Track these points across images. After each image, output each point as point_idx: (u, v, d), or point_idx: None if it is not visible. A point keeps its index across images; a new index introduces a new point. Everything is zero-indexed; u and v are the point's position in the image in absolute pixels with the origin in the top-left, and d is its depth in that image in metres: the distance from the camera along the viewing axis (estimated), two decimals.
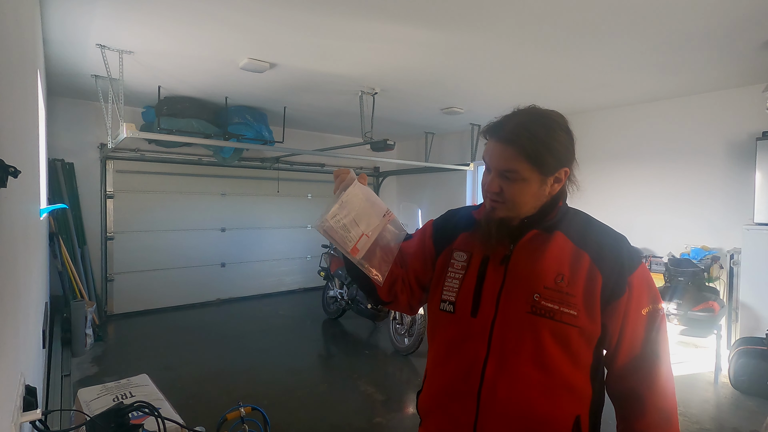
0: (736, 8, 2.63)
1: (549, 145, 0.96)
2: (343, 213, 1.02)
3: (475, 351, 1.02)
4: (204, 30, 3.09)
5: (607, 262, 0.99)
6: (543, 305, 0.97)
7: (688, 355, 4.37)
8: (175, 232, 6.00)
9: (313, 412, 3.18)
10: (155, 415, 1.12)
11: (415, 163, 6.01)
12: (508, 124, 0.99)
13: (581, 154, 1.08)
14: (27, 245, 1.74)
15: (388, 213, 1.08)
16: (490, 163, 1.01)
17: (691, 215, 4.68)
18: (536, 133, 0.96)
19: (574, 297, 0.97)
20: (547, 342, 0.97)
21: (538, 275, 0.99)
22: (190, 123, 4.90)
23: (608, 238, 1.04)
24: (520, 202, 1.00)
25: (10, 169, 0.87)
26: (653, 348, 0.99)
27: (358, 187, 1.05)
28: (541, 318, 0.97)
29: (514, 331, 0.99)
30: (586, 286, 0.97)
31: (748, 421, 3.10)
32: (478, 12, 2.71)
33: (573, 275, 0.98)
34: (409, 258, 1.20)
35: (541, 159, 0.96)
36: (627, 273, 0.98)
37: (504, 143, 0.97)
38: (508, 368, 0.99)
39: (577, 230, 1.04)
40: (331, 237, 1.01)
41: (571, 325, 0.96)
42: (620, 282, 0.97)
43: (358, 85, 4.41)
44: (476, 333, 1.03)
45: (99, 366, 3.97)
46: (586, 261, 0.99)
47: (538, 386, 0.97)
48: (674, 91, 4.56)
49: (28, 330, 1.64)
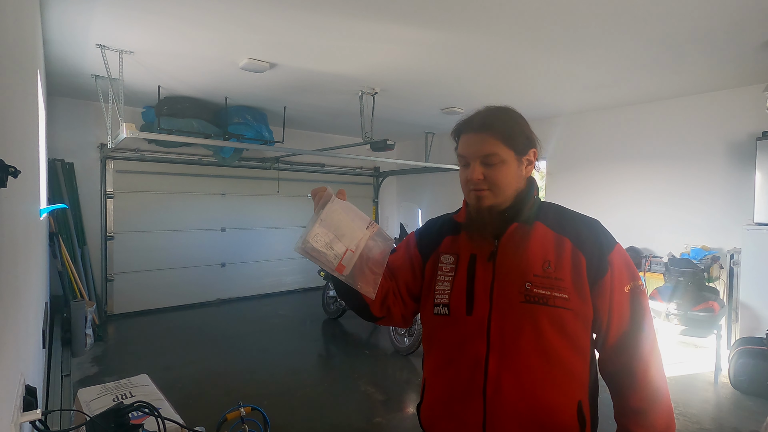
0: (736, 8, 2.63)
1: (516, 128, 1.05)
2: (324, 231, 1.00)
3: (475, 349, 1.03)
4: (204, 30, 3.09)
5: (587, 244, 1.03)
6: (535, 293, 1.00)
7: (688, 355, 4.37)
8: (175, 232, 6.00)
9: (313, 412, 3.18)
10: (155, 415, 1.12)
11: (415, 163, 6.01)
12: (476, 118, 1.07)
13: (581, 154, 1.09)
14: (27, 245, 1.74)
15: (371, 224, 1.05)
16: (469, 153, 1.06)
17: (691, 215, 4.68)
18: (503, 118, 1.06)
19: (563, 281, 1.00)
20: (545, 328, 0.99)
21: (527, 265, 1.03)
22: (190, 123, 4.90)
23: (583, 222, 1.09)
24: (504, 184, 1.05)
25: (10, 169, 0.87)
26: (639, 323, 1.03)
27: (336, 202, 1.04)
28: (536, 305, 1.00)
29: (511, 323, 1.01)
30: (573, 268, 1.01)
31: (748, 421, 3.10)
32: (478, 12, 2.71)
33: (558, 260, 1.02)
34: (397, 270, 1.20)
35: (515, 139, 1.04)
36: (606, 252, 1.03)
37: (479, 131, 1.04)
38: (511, 361, 1.00)
39: (554, 218, 1.09)
40: (315, 258, 0.99)
41: (565, 308, 0.99)
42: (602, 261, 1.02)
43: (358, 85, 4.41)
44: (474, 331, 1.04)
45: (99, 366, 3.97)
46: (568, 245, 1.03)
47: (542, 375, 0.99)
48: (674, 91, 4.56)
49: (28, 330, 1.64)
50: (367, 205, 8.27)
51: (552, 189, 5.96)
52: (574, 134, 5.69)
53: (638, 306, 1.04)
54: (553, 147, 5.88)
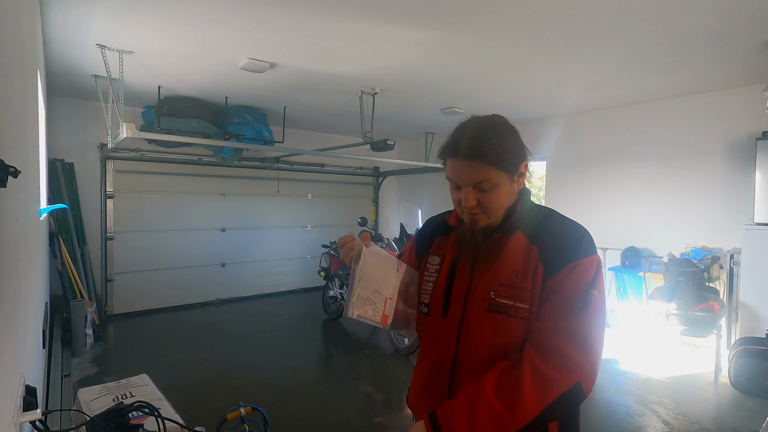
0: (736, 8, 2.63)
1: (505, 146, 1.01)
2: (364, 288, 1.04)
3: (445, 350, 1.09)
4: (204, 30, 3.09)
5: (551, 250, 1.01)
6: (498, 302, 1.02)
7: (688, 355, 4.37)
8: (175, 232, 6.00)
9: (313, 412, 3.18)
10: (155, 415, 1.12)
11: (415, 163, 6.02)
12: (462, 139, 1.02)
13: (581, 154, 1.10)
14: (27, 245, 1.74)
15: (400, 266, 1.12)
16: (459, 180, 1.04)
17: (691, 215, 4.68)
18: (491, 140, 1.00)
19: (526, 291, 1.01)
20: (504, 337, 1.01)
21: (496, 274, 1.04)
22: (190, 123, 4.90)
23: (563, 229, 1.05)
24: (497, 206, 1.05)
25: (10, 169, 0.87)
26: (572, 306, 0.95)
27: (368, 254, 1.06)
28: (497, 314, 1.02)
29: (475, 329, 1.05)
30: (534, 277, 1.01)
31: (748, 421, 3.09)
32: (478, 12, 2.71)
33: (525, 270, 1.03)
34: None
35: (504, 161, 1.01)
36: (570, 258, 0.98)
37: (468, 158, 1.01)
38: (472, 364, 1.04)
39: (533, 226, 1.08)
40: (364, 317, 1.04)
41: (523, 318, 1.00)
42: (558, 263, 0.98)
43: (358, 85, 4.41)
44: (447, 333, 1.10)
45: (99, 366, 3.97)
46: (535, 254, 1.03)
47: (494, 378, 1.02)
48: (674, 91, 4.56)
49: (28, 330, 1.64)
50: (367, 205, 8.28)
51: (552, 189, 5.96)
52: (574, 134, 5.69)
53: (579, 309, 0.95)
54: (553, 147, 5.88)
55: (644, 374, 3.89)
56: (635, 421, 3.08)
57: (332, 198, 7.66)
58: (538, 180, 9.35)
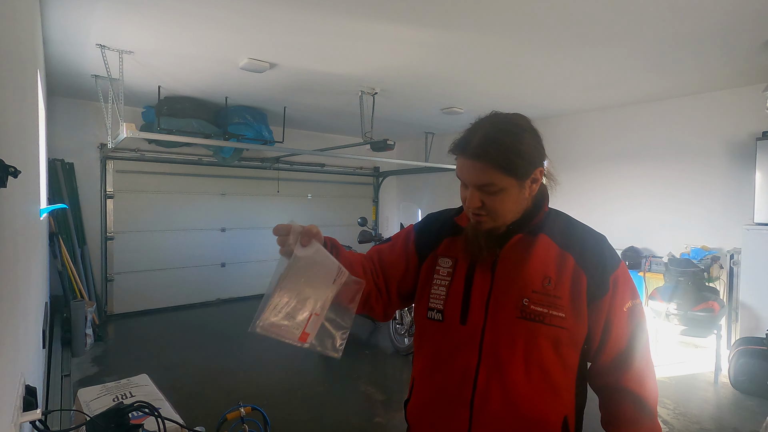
0: (735, 8, 2.63)
1: (517, 150, 0.95)
2: (284, 300, 0.88)
3: (466, 359, 1.01)
4: (204, 30, 3.09)
5: (591, 262, 1.00)
6: (532, 309, 0.98)
7: (688, 355, 4.37)
8: (175, 232, 6.00)
9: (313, 412, 3.18)
10: (155, 415, 1.12)
11: (415, 163, 6.01)
12: (473, 138, 0.97)
13: (581, 154, 1.09)
14: (27, 245, 1.74)
15: (339, 276, 0.90)
16: (466, 179, 1.00)
17: (691, 215, 4.68)
18: (503, 142, 0.94)
19: (561, 299, 0.98)
20: (538, 346, 0.98)
21: (526, 279, 0.99)
22: (190, 123, 4.90)
23: (590, 238, 1.06)
24: (503, 211, 1.00)
25: (10, 169, 0.87)
26: (636, 342, 1.02)
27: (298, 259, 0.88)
28: (532, 322, 0.97)
29: (505, 338, 0.99)
30: (572, 287, 0.99)
31: (748, 421, 3.10)
32: (478, 12, 2.71)
33: (559, 277, 0.99)
34: (389, 267, 1.15)
35: (513, 166, 0.95)
36: (609, 271, 1.00)
37: (474, 159, 0.96)
38: (501, 375, 0.99)
39: (560, 232, 1.05)
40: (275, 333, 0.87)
41: (561, 327, 0.97)
42: (603, 280, 0.99)
43: (358, 85, 4.41)
44: (466, 341, 1.02)
45: (99, 366, 3.97)
46: (571, 262, 1.00)
47: (530, 391, 0.98)
48: (674, 91, 4.56)
49: (28, 330, 1.64)
50: (367, 205, 8.28)
51: (552, 189, 5.96)
52: (574, 134, 5.69)
53: (636, 325, 1.03)
54: (553, 147, 5.87)
55: None
56: None
57: (332, 198, 7.66)
58: None
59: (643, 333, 1.03)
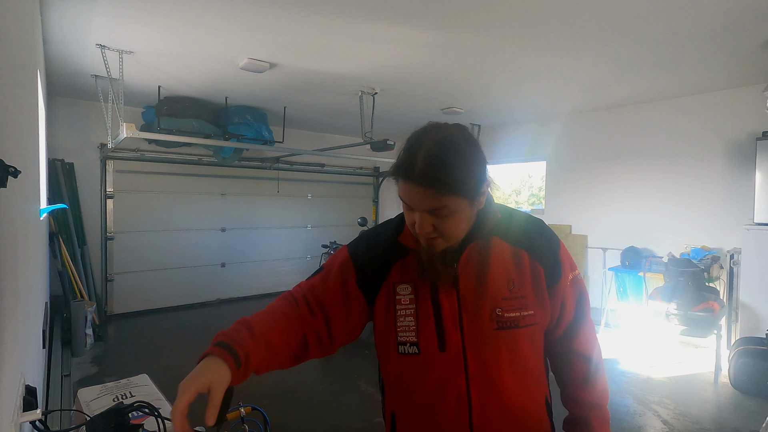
0: (736, 8, 2.63)
1: (466, 170, 0.88)
2: None
3: (456, 385, 0.95)
4: (204, 30, 3.09)
5: (542, 253, 1.02)
6: (507, 317, 0.96)
7: (688, 355, 4.37)
8: (175, 232, 6.00)
9: (313, 412, 3.18)
10: (155, 415, 1.12)
11: None
12: (416, 160, 0.87)
13: (581, 154, 1.09)
14: (27, 245, 1.74)
15: None
16: (414, 205, 0.90)
17: (691, 215, 4.68)
18: (450, 163, 0.86)
19: (527, 297, 0.99)
20: (520, 350, 0.99)
21: (493, 288, 0.96)
22: (190, 123, 4.90)
23: (533, 227, 1.06)
24: (457, 232, 0.93)
25: (10, 169, 0.86)
26: (581, 311, 1.08)
27: None
28: (510, 330, 0.97)
29: (488, 352, 0.96)
30: (533, 281, 1.00)
31: (748, 421, 3.09)
32: (478, 12, 2.71)
33: (520, 276, 0.99)
34: (329, 307, 1.02)
35: (465, 187, 0.88)
36: (557, 254, 1.04)
37: (422, 186, 0.86)
38: (492, 390, 0.96)
39: (507, 229, 1.02)
40: None
41: (533, 324, 1.00)
42: (556, 265, 1.03)
43: (358, 85, 4.41)
44: (452, 368, 0.96)
45: (99, 366, 3.97)
46: (526, 258, 1.01)
47: (522, 394, 1.00)
48: (674, 91, 4.56)
49: (28, 330, 1.64)
50: (367, 205, 8.28)
51: (552, 189, 5.96)
52: (574, 134, 5.69)
53: (579, 294, 1.07)
54: (553, 147, 5.88)
55: (644, 374, 3.89)
56: (635, 421, 3.08)
57: (332, 198, 7.66)
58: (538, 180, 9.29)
59: (585, 301, 1.09)
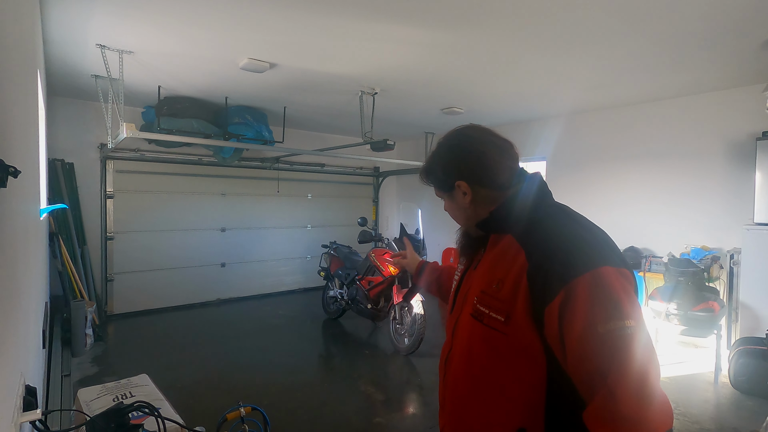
0: (736, 8, 2.63)
1: (435, 168, 1.14)
2: None
3: (446, 344, 1.17)
4: (204, 30, 3.09)
5: (539, 262, 0.89)
6: (478, 309, 1.01)
7: (688, 355, 4.37)
8: (175, 232, 6.00)
9: (313, 412, 3.18)
10: (155, 415, 1.12)
11: (415, 163, 6.01)
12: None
13: (581, 154, 1.08)
14: (27, 245, 1.74)
15: None
16: None
17: (691, 215, 4.68)
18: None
19: (504, 302, 0.93)
20: (476, 346, 1.01)
21: (484, 279, 1.04)
22: (190, 123, 4.90)
23: (553, 237, 0.93)
24: (454, 216, 1.18)
25: (10, 169, 0.87)
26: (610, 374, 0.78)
27: None
28: (475, 321, 1.01)
29: (462, 331, 1.08)
30: (513, 288, 0.92)
31: (748, 421, 3.10)
32: (478, 12, 2.71)
33: (507, 279, 0.94)
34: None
35: (436, 182, 1.16)
36: (561, 278, 0.85)
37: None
38: (455, 362, 1.09)
39: (524, 229, 0.99)
40: None
41: (498, 331, 0.94)
42: (548, 285, 0.86)
43: (358, 85, 4.41)
44: (449, 329, 1.17)
45: (99, 366, 3.97)
46: (521, 261, 0.93)
47: (473, 387, 1.03)
48: (674, 91, 4.56)
49: (28, 330, 1.64)
50: (367, 205, 8.28)
51: (552, 189, 5.91)
52: (574, 134, 5.69)
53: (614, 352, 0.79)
54: (553, 147, 5.88)
55: None
56: None
57: (332, 198, 7.66)
58: None
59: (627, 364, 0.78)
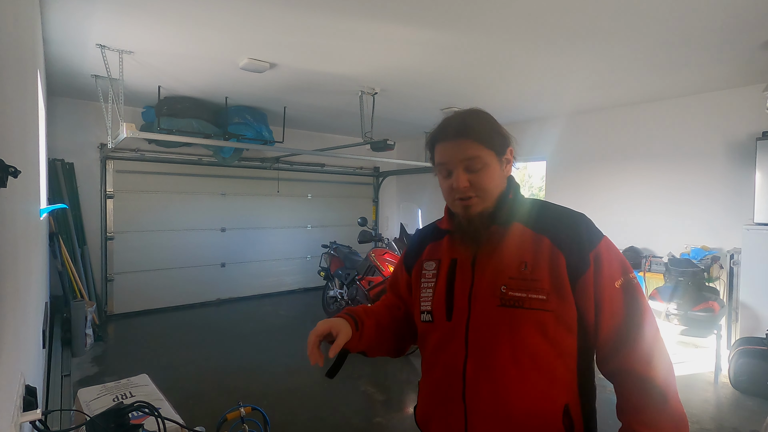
0: (735, 8, 2.63)
1: (493, 127, 1.04)
2: None
3: (454, 354, 1.03)
4: (204, 30, 3.09)
5: (566, 241, 0.99)
6: (511, 296, 0.98)
7: (688, 355, 4.36)
8: (175, 232, 6.00)
9: (313, 412, 3.18)
10: (155, 415, 1.12)
11: (415, 163, 6.01)
12: (451, 125, 1.04)
13: (581, 154, 1.09)
14: (27, 245, 1.74)
15: None
16: (450, 160, 1.03)
17: (691, 215, 4.68)
18: (479, 121, 1.04)
19: (540, 281, 0.97)
20: (522, 332, 0.97)
21: (503, 268, 1.01)
22: (190, 123, 4.90)
23: (565, 218, 1.05)
24: (491, 187, 1.03)
25: (10, 169, 0.87)
26: (634, 319, 0.97)
27: None
28: (512, 308, 0.98)
29: (488, 328, 1.00)
30: (551, 268, 0.98)
31: (748, 421, 3.09)
32: (478, 12, 2.71)
33: (536, 260, 0.99)
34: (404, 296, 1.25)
35: (493, 140, 1.02)
36: (588, 248, 0.98)
37: (457, 138, 1.02)
38: (488, 368, 0.99)
39: (534, 217, 1.05)
40: None
41: (543, 310, 0.96)
42: (582, 257, 0.97)
43: (358, 85, 4.41)
44: (453, 336, 1.04)
45: (99, 366, 3.97)
46: (547, 244, 1.00)
47: (520, 381, 0.97)
48: (674, 91, 4.56)
49: (28, 330, 1.64)
50: (367, 205, 8.28)
51: (552, 189, 5.96)
52: (574, 134, 5.69)
53: (632, 301, 0.98)
54: (553, 147, 5.88)
55: None
56: None
57: (332, 198, 7.66)
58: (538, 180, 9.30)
59: (640, 309, 0.98)
